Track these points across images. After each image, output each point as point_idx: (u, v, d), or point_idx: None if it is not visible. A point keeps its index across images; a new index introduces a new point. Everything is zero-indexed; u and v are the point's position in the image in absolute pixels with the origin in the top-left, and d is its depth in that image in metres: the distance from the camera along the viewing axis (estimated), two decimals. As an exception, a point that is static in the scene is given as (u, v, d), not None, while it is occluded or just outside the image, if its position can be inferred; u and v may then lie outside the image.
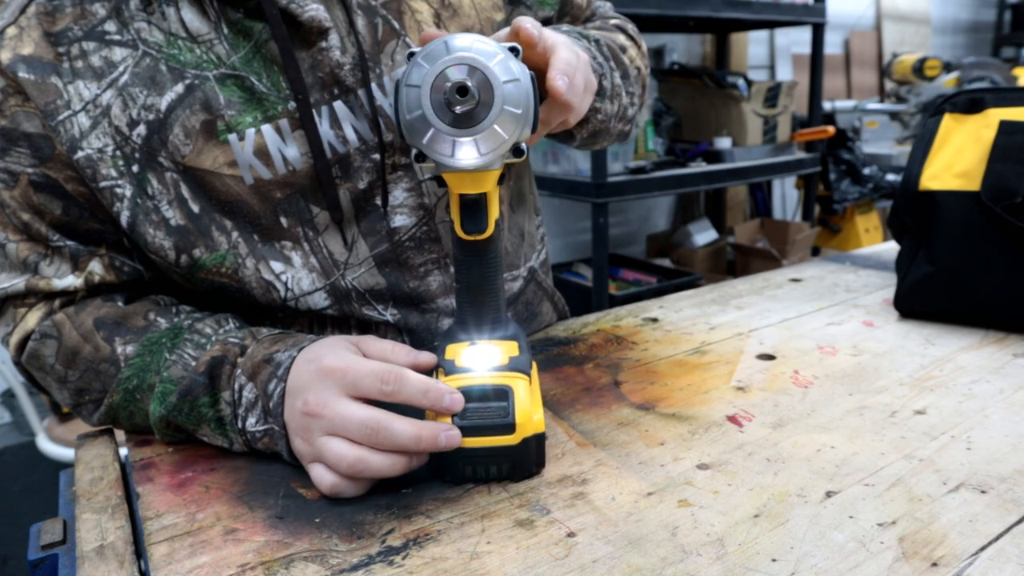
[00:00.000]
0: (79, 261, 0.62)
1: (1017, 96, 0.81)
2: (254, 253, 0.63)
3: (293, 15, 0.59)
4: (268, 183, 0.61)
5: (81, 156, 0.58)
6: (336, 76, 0.62)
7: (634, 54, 0.78)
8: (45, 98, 0.57)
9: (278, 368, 0.55)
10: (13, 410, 2.09)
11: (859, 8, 4.13)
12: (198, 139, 0.59)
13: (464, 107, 0.46)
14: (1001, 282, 0.77)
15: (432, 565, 0.44)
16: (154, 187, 0.60)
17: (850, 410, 0.62)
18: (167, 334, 0.60)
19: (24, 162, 0.59)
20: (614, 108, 0.72)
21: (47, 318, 0.62)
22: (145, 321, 0.61)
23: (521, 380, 0.53)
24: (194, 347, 0.58)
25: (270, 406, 0.55)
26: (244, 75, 0.60)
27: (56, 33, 0.58)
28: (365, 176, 0.64)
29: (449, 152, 0.48)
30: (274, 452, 0.56)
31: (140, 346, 0.59)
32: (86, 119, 0.58)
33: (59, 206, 0.60)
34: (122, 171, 0.59)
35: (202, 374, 0.57)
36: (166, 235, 0.61)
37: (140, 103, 0.58)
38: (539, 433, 0.53)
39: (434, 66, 0.47)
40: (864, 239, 3.24)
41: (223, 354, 0.57)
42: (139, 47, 0.59)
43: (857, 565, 0.43)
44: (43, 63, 0.57)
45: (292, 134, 0.61)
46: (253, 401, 0.56)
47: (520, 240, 0.80)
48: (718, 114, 2.59)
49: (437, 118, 0.47)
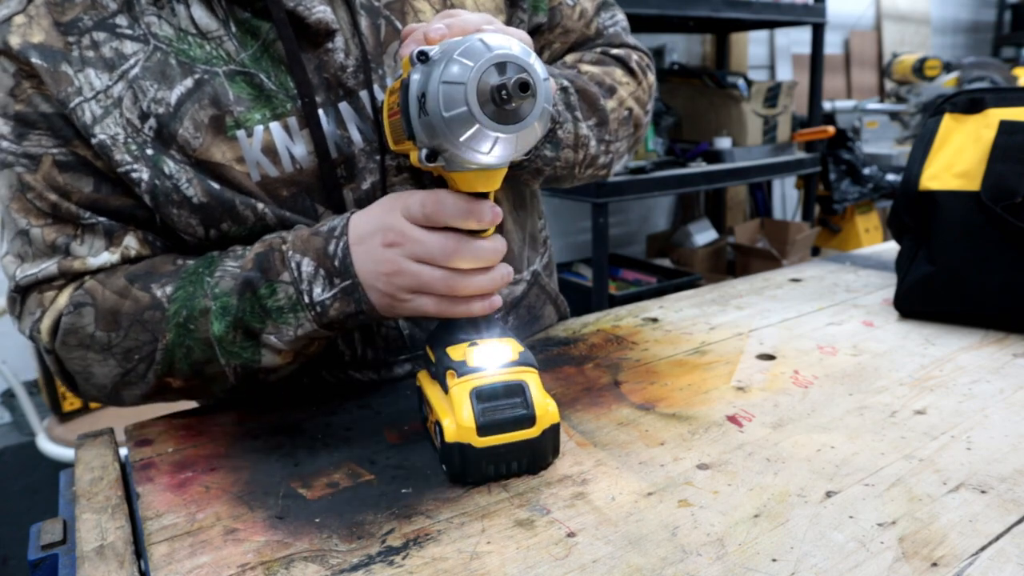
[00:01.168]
0: (114, 236, 0.62)
1: (1017, 96, 0.81)
2: (283, 224, 0.62)
3: (300, 17, 0.59)
4: (275, 180, 0.61)
5: (95, 142, 0.58)
6: (340, 78, 0.62)
7: (625, 94, 0.74)
8: (58, 86, 0.57)
9: (333, 231, 0.57)
10: (13, 410, 2.09)
11: (859, 8, 4.13)
12: (207, 133, 0.59)
13: (518, 103, 0.46)
14: (1001, 282, 0.77)
15: (432, 565, 0.44)
16: (171, 167, 0.60)
17: (850, 410, 0.62)
18: (202, 263, 0.60)
19: (45, 143, 0.59)
20: (578, 156, 0.70)
21: (77, 290, 0.61)
22: (174, 265, 0.61)
23: (532, 374, 0.54)
24: (234, 259, 0.59)
25: (335, 265, 0.56)
26: (254, 72, 0.60)
27: (66, 23, 0.58)
28: (369, 177, 0.64)
29: (487, 149, 0.48)
30: (348, 317, 0.57)
31: (179, 281, 0.59)
32: (98, 107, 0.58)
33: (89, 183, 0.60)
34: (136, 156, 0.59)
35: (252, 269, 0.57)
36: (191, 213, 0.61)
37: (151, 96, 0.59)
38: (555, 423, 0.54)
39: (479, 63, 0.46)
40: (864, 239, 3.24)
41: (267, 248, 0.58)
42: (150, 41, 0.59)
43: (857, 565, 0.43)
44: (53, 51, 0.58)
45: (300, 132, 0.61)
46: (313, 273, 0.56)
47: (524, 243, 0.80)
48: (718, 114, 2.59)
49: (484, 114, 0.47)
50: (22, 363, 1.90)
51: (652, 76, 0.80)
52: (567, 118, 0.68)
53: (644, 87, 0.78)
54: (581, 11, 0.78)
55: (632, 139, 0.78)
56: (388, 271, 0.54)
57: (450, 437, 0.51)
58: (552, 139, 0.68)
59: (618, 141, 0.75)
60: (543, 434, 0.53)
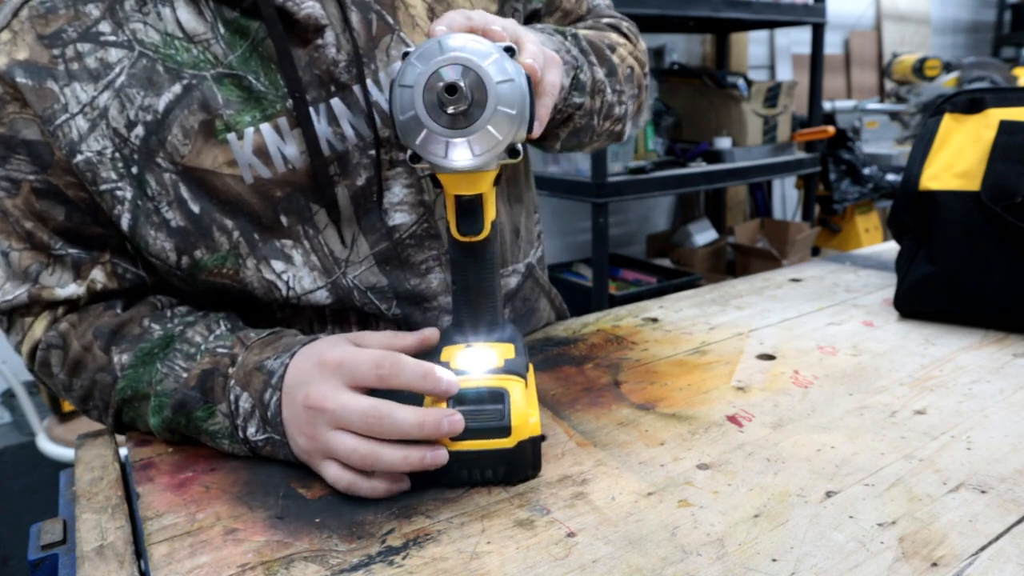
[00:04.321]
0: (81, 269, 0.62)
1: (1017, 96, 0.81)
2: (255, 253, 0.63)
3: (289, 13, 0.59)
4: (268, 182, 0.61)
5: (80, 160, 0.58)
6: (332, 73, 0.62)
7: (625, 52, 0.77)
8: (43, 103, 0.57)
9: (271, 376, 0.55)
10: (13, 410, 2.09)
11: (859, 8, 4.13)
12: (197, 139, 0.59)
13: (456, 107, 0.46)
14: (1001, 282, 0.77)
15: (432, 565, 0.44)
16: (153, 188, 0.60)
17: (850, 410, 0.62)
18: (159, 343, 0.60)
19: (25, 169, 0.59)
20: (596, 104, 0.71)
21: (52, 327, 0.62)
22: (140, 328, 0.62)
23: (517, 383, 0.52)
24: (184, 358, 0.59)
25: (268, 415, 0.55)
26: (242, 74, 0.60)
27: (50, 35, 0.58)
28: (363, 173, 0.64)
29: (443, 153, 0.47)
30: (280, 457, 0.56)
31: (134, 356, 0.60)
32: (84, 121, 0.58)
33: (61, 212, 0.60)
34: (121, 173, 0.59)
35: (194, 388, 0.57)
36: (167, 236, 0.61)
37: (138, 104, 0.58)
38: (535, 436, 0.52)
39: (427, 66, 0.46)
40: (864, 239, 3.24)
41: (213, 367, 0.57)
42: (135, 48, 0.59)
43: (857, 565, 0.43)
44: (39, 67, 0.57)
45: (291, 132, 0.61)
46: (250, 410, 0.56)
47: (515, 237, 0.80)
48: (718, 114, 2.59)
49: (430, 119, 0.46)
50: (22, 363, 1.90)
51: (643, 43, 0.83)
52: (583, 62, 0.68)
53: (640, 49, 0.81)
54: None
55: (637, 100, 0.79)
56: (308, 433, 0.52)
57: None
58: (576, 84, 0.67)
59: (627, 94, 0.76)
60: (519, 446, 0.51)
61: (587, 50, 0.70)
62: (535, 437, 0.52)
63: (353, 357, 0.51)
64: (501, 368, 0.53)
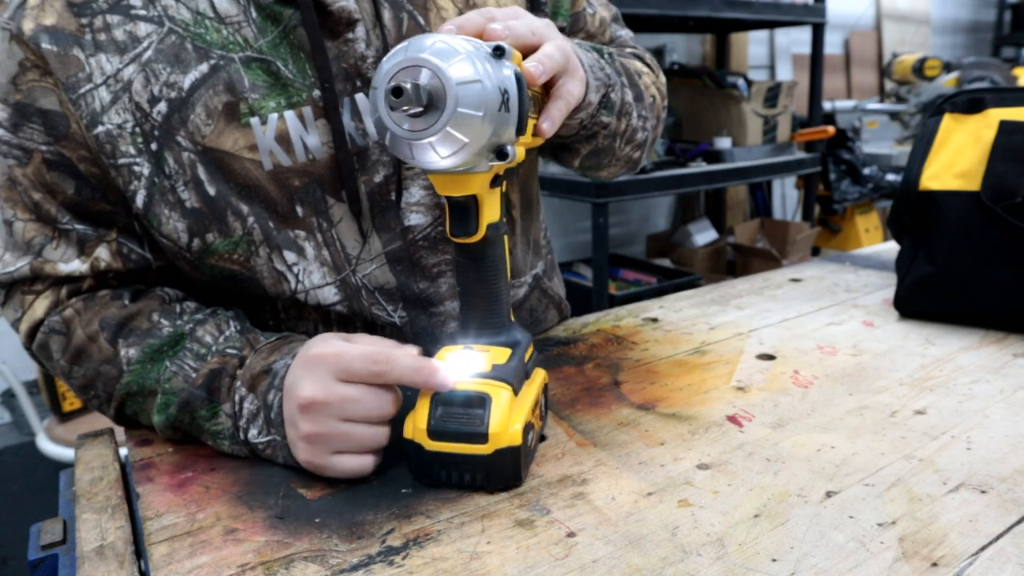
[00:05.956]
0: (86, 246, 0.62)
1: (1017, 96, 0.81)
2: (268, 241, 0.63)
3: (324, 4, 0.59)
4: (287, 170, 0.61)
5: (101, 131, 0.58)
6: (359, 68, 0.62)
7: (648, 81, 0.77)
8: (67, 71, 0.57)
9: (275, 378, 0.55)
10: (13, 410, 2.09)
11: (859, 8, 4.14)
12: (219, 120, 0.59)
13: (408, 109, 0.45)
14: (1001, 282, 0.77)
15: (432, 565, 0.44)
16: (171, 167, 0.59)
17: (850, 410, 0.62)
18: (168, 341, 0.60)
19: (38, 139, 0.59)
20: (621, 126, 0.70)
21: (55, 310, 0.62)
22: (149, 323, 0.61)
23: (503, 390, 0.51)
24: (194, 357, 0.59)
25: (271, 416, 0.55)
26: (271, 60, 0.60)
27: (80, 4, 0.58)
28: (382, 170, 0.64)
29: (409, 154, 0.47)
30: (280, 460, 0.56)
31: (142, 352, 0.60)
32: (107, 93, 0.58)
33: (72, 185, 0.60)
34: (140, 148, 0.59)
35: (200, 387, 0.57)
36: (181, 217, 0.61)
37: (163, 80, 0.58)
38: (514, 446, 0.51)
39: (390, 67, 0.46)
40: (864, 239, 3.24)
41: (221, 367, 0.58)
42: (165, 24, 0.58)
43: (857, 565, 0.43)
44: (65, 34, 0.57)
45: (315, 123, 0.61)
46: (255, 412, 0.56)
47: (528, 247, 0.79)
48: (718, 114, 2.59)
49: (392, 120, 0.46)
50: (22, 363, 1.90)
51: (662, 76, 0.83)
52: (616, 82, 0.68)
53: (660, 81, 0.81)
54: (600, 19, 0.80)
55: (655, 130, 0.79)
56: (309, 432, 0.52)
57: (407, 434, 0.52)
58: (606, 103, 0.66)
59: (649, 121, 0.76)
60: (496, 454, 0.50)
61: (620, 71, 0.70)
62: (514, 447, 0.51)
63: (346, 352, 0.52)
64: (488, 373, 0.52)
